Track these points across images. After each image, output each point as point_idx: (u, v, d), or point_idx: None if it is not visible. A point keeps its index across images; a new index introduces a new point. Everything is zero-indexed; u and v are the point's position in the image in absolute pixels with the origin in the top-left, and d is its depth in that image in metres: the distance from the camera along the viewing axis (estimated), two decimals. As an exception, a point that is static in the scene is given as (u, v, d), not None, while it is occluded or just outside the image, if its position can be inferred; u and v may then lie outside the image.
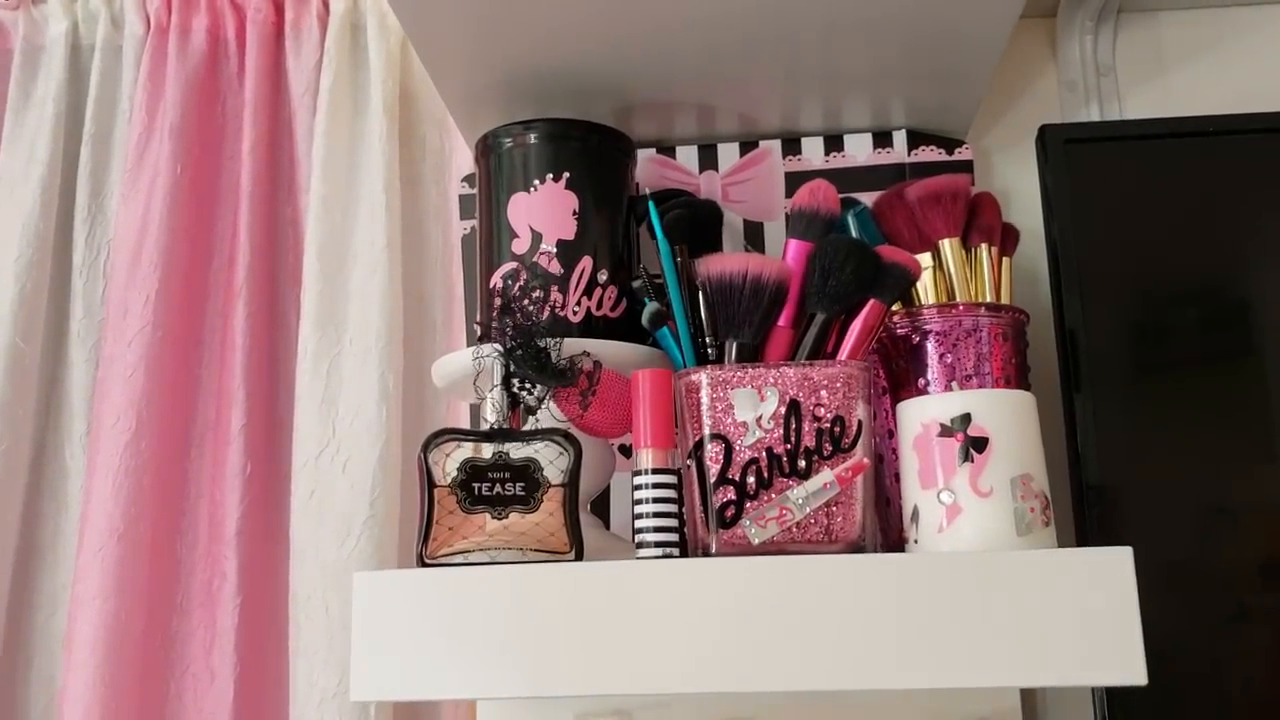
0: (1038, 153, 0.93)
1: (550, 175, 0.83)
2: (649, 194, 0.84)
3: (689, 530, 0.70)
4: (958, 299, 0.79)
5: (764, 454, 0.68)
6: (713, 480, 0.68)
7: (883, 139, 1.00)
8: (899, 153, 0.99)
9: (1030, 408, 0.70)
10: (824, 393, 0.69)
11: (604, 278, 0.83)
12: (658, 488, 0.69)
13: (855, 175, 0.99)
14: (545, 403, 0.72)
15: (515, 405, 0.71)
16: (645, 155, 1.01)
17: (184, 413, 1.02)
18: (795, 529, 0.67)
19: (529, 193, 0.83)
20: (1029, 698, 0.91)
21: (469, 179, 1.03)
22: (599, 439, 0.79)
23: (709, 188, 1.01)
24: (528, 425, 0.71)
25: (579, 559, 0.67)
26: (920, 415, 0.70)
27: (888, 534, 0.79)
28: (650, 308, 0.77)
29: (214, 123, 1.08)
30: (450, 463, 0.67)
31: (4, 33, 1.11)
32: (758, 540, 0.67)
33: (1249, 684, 0.84)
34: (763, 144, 1.02)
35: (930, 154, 0.99)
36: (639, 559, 0.68)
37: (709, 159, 1.02)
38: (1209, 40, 1.04)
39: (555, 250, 0.82)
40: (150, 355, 0.99)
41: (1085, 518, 0.86)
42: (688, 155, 1.02)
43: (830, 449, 0.68)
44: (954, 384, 0.75)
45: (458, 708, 0.96)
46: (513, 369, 0.71)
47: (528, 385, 0.71)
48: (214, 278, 1.05)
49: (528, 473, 0.68)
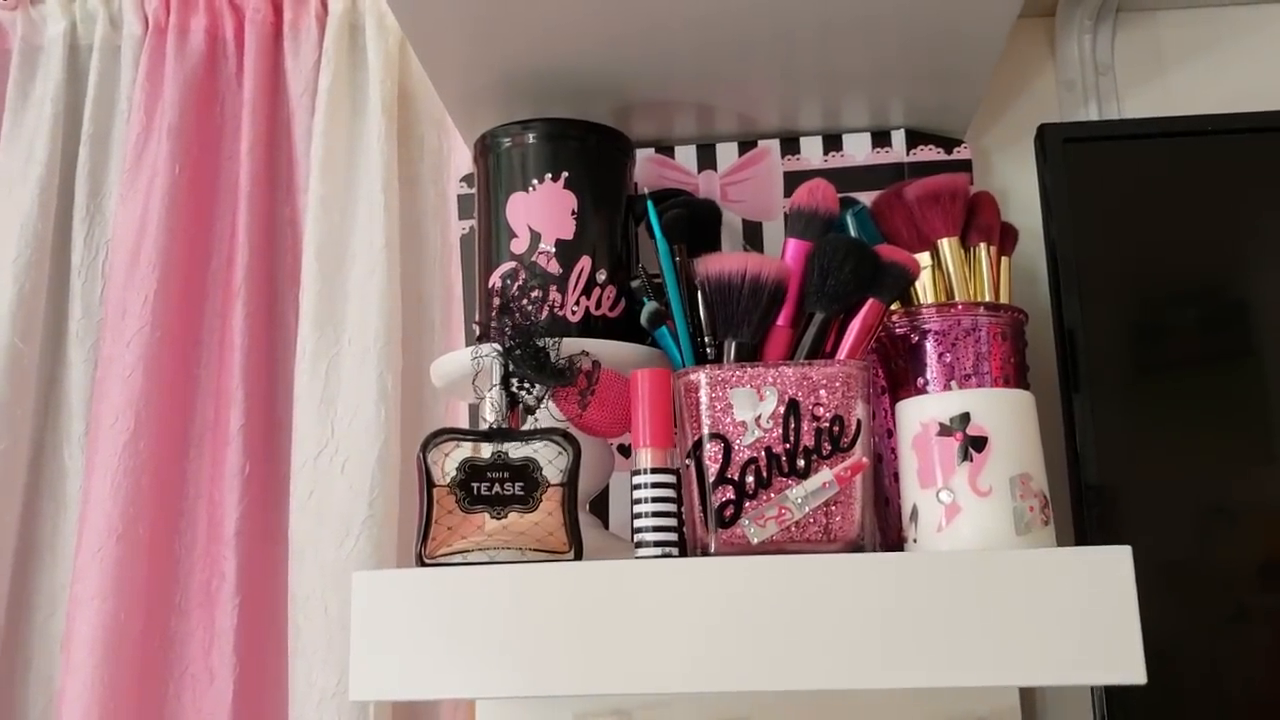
0: (1036, 152, 0.93)
1: (549, 175, 0.83)
2: (647, 193, 0.84)
3: (688, 530, 0.70)
4: (956, 298, 0.79)
5: (763, 453, 0.68)
6: (712, 480, 0.68)
7: (881, 138, 1.00)
8: (898, 152, 0.99)
9: (1029, 407, 0.70)
10: (823, 392, 0.69)
11: (603, 277, 0.83)
12: (657, 487, 0.68)
13: (854, 175, 0.99)
14: (544, 402, 0.71)
15: (514, 405, 0.71)
16: (644, 155, 1.00)
17: (183, 413, 1.02)
18: (794, 528, 0.67)
19: (528, 192, 0.83)
20: (1028, 697, 0.91)
21: (467, 179, 1.03)
22: (598, 438, 0.79)
23: (708, 187, 1.01)
24: (527, 425, 0.71)
25: (578, 558, 0.67)
26: (919, 414, 0.70)
27: (887, 533, 0.79)
28: (649, 307, 0.77)
29: (212, 123, 1.07)
30: (449, 462, 0.67)
31: (2, 33, 1.11)
32: (757, 540, 0.67)
33: (1248, 684, 0.84)
34: (761, 143, 1.02)
35: (929, 153, 0.99)
36: (638, 558, 0.68)
37: (707, 158, 1.02)
38: (1208, 39, 1.04)
39: (554, 250, 0.82)
40: (149, 355, 0.99)
41: (1084, 518, 0.85)
42: (686, 155, 1.02)
43: (829, 448, 0.68)
44: (953, 383, 0.75)
45: (457, 707, 0.96)
46: (511, 369, 0.71)
47: (526, 385, 0.71)
48: (212, 278, 1.05)
49: (527, 472, 0.68)
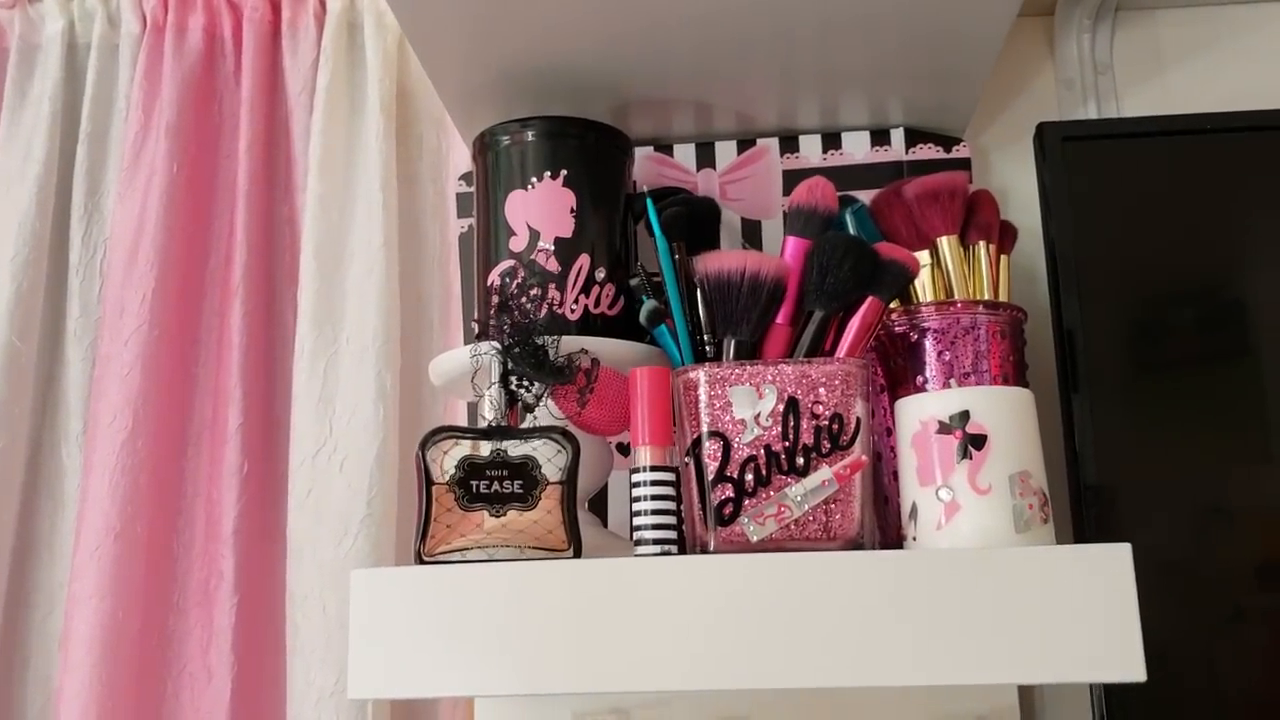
0: (1035, 151, 0.93)
1: (548, 173, 0.83)
2: (647, 191, 0.84)
3: (687, 528, 0.70)
4: (956, 296, 0.79)
5: (762, 451, 0.68)
6: (711, 478, 0.68)
7: (880, 137, 1.00)
8: (897, 150, 0.99)
9: (1028, 405, 0.70)
10: (822, 390, 0.69)
11: (602, 275, 0.83)
12: (656, 485, 0.68)
13: (853, 173, 0.99)
14: (543, 400, 0.71)
15: (513, 403, 0.71)
16: (643, 153, 1.00)
17: (181, 411, 1.01)
18: (794, 526, 0.67)
19: (526, 190, 0.83)
20: (1027, 695, 0.91)
21: (466, 177, 1.02)
22: (597, 436, 0.79)
23: (707, 185, 1.01)
24: (526, 423, 0.71)
25: (577, 556, 0.67)
26: (919, 412, 0.70)
27: (886, 531, 0.79)
28: (648, 305, 0.76)
29: (210, 121, 1.07)
30: (448, 460, 0.67)
31: (0, 31, 1.11)
32: (756, 538, 0.67)
33: (1246, 683, 0.84)
34: (760, 142, 1.01)
35: (928, 152, 0.99)
36: (637, 556, 0.68)
37: (706, 157, 1.02)
38: (1207, 38, 1.04)
39: (553, 248, 0.82)
40: (147, 354, 0.98)
41: (1083, 517, 0.85)
42: (685, 153, 1.02)
43: (828, 446, 0.68)
44: (952, 381, 0.75)
45: (455, 706, 0.96)
46: (510, 367, 0.71)
47: (525, 383, 0.71)
48: (210, 276, 1.05)
49: (526, 470, 0.68)
